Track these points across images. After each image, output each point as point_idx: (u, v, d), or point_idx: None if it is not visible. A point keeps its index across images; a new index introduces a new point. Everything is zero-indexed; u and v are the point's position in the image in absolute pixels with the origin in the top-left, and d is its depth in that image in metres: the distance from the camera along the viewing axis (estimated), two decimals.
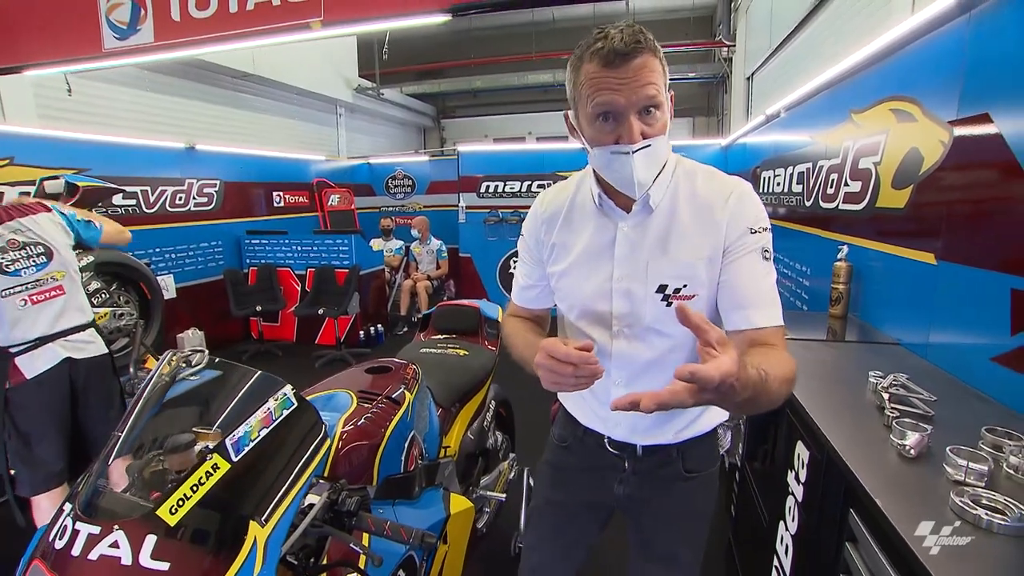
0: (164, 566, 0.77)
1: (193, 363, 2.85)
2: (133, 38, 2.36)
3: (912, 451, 1.05)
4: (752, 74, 6.91)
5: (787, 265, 3.29)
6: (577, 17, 10.15)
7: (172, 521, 0.80)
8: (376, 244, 6.29)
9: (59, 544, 0.81)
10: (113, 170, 4.27)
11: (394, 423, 1.33)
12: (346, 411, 1.31)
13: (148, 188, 4.66)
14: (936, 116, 1.66)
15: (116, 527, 0.80)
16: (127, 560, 0.78)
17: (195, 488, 0.83)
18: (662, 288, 0.96)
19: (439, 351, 2.11)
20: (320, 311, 5.13)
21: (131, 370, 2.73)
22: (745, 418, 2.06)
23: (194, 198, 5.15)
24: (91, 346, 2.07)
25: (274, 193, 6.39)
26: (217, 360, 1.01)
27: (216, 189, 5.42)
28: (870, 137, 2.10)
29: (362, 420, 1.28)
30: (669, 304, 0.96)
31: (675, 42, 8.99)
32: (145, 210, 4.65)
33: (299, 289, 5.64)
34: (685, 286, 0.95)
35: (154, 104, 5.49)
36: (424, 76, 10.99)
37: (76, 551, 0.79)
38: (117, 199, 4.33)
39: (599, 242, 1.01)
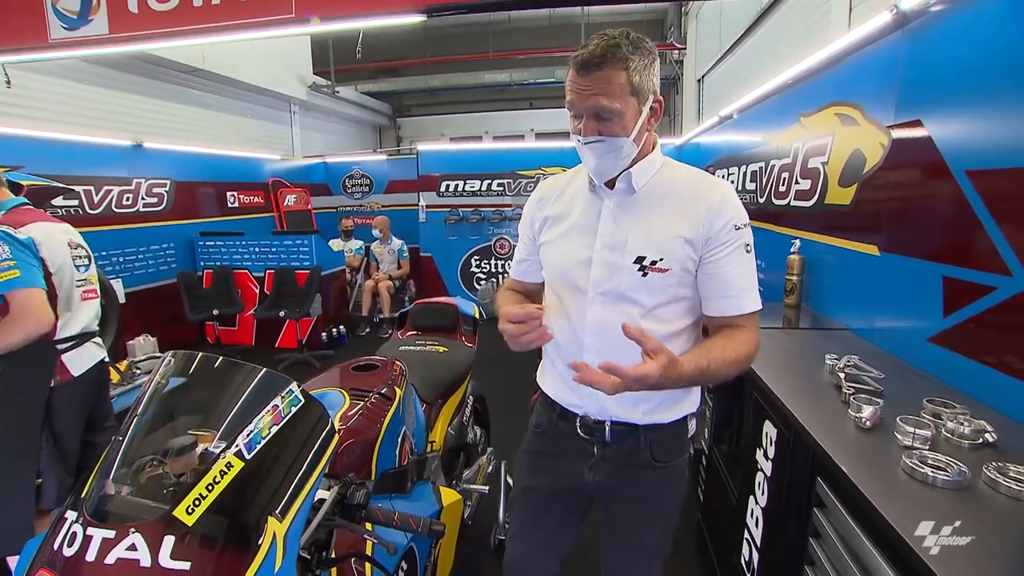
0: (185, 566, 0.79)
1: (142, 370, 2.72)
2: (84, 29, 2.25)
3: (868, 423, 1.17)
4: (703, 76, 7.20)
5: None
6: (533, 18, 10.26)
7: (190, 521, 0.81)
8: (335, 244, 6.19)
9: (68, 551, 0.81)
10: (52, 168, 4.02)
11: (388, 418, 1.35)
12: (340, 408, 1.33)
13: (92, 188, 4.43)
14: (876, 120, 1.82)
15: (132, 530, 0.81)
16: (146, 562, 0.79)
17: (210, 487, 0.84)
18: (640, 259, 1.05)
19: (419, 348, 2.13)
20: (281, 313, 5.01)
21: None
22: (712, 405, 2.18)
23: (143, 198, 4.92)
24: (103, 350, 2.09)
25: (228, 193, 6.18)
26: (221, 359, 1.01)
27: (166, 189, 5.20)
28: (818, 139, 2.27)
29: (358, 416, 1.30)
30: (645, 274, 1.05)
31: None
32: (89, 211, 4.41)
33: (257, 291, 5.48)
34: (661, 259, 1.04)
35: (98, 99, 5.19)
36: (380, 74, 10.84)
37: (91, 556, 0.79)
38: (57, 200, 4.08)
39: (587, 216, 1.12)
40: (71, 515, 0.86)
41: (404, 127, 12.28)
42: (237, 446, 0.88)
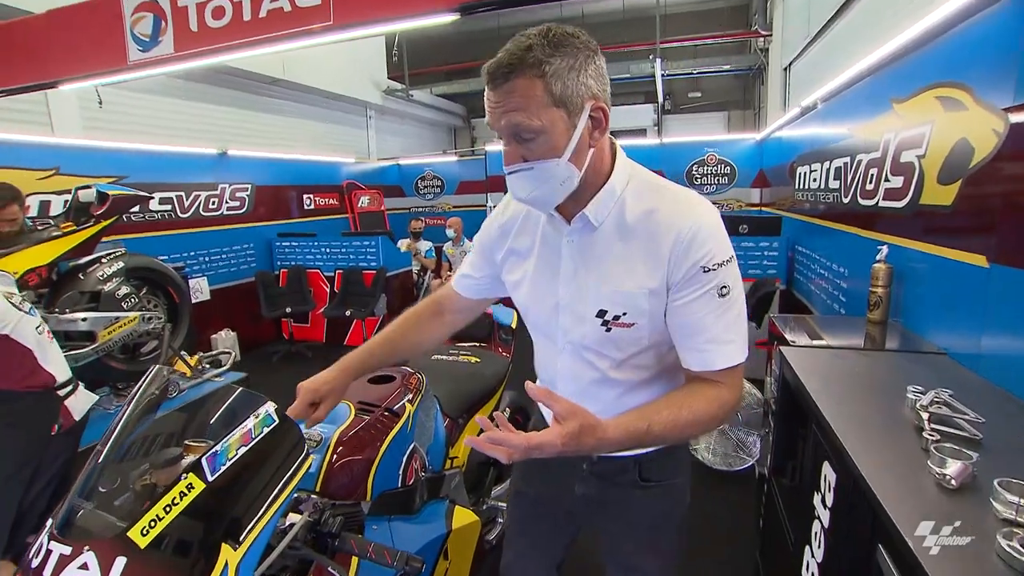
0: None
1: (223, 363, 2.85)
2: (155, 50, 2.40)
3: (953, 481, 0.93)
4: (790, 64, 6.61)
5: (824, 266, 3.11)
6: (607, 12, 9.98)
7: (143, 543, 0.77)
8: (403, 245, 6.32)
9: (34, 563, 0.80)
10: (149, 177, 4.42)
11: (391, 436, 1.28)
12: (343, 423, 1.28)
13: (183, 193, 4.81)
14: (989, 103, 1.50)
15: (87, 548, 0.78)
16: None
17: (168, 509, 0.80)
18: (602, 313, 0.93)
19: (450, 359, 2.06)
20: (347, 312, 5.19)
21: None
22: (772, 427, 1.94)
23: (227, 202, 5.29)
24: (92, 394, 2.04)
25: (305, 195, 6.51)
26: (205, 372, 0.98)
27: (248, 193, 5.55)
28: (913, 128, 1.93)
29: (357, 434, 1.24)
30: (609, 330, 0.93)
31: (709, 33, 8.71)
32: (180, 215, 4.79)
33: (328, 290, 5.72)
34: (625, 314, 0.92)
35: (188, 111, 5.65)
36: (453, 76, 11.02)
37: (47, 572, 0.78)
38: (154, 204, 4.48)
39: (548, 254, 1.00)
40: (48, 523, 0.86)
41: (478, 128, 12.42)
42: (200, 467, 0.83)
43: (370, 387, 1.50)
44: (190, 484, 0.82)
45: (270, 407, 0.92)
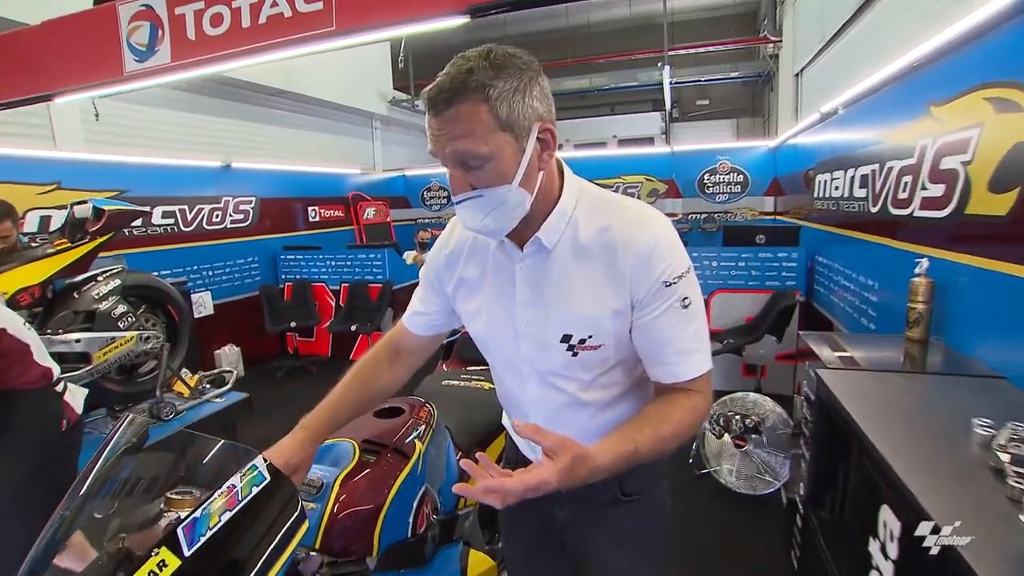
0: None
1: (226, 381, 2.72)
2: (152, 59, 2.31)
3: None
4: (801, 70, 6.50)
5: (849, 278, 2.96)
6: (613, 20, 9.92)
7: None
8: (409, 257, 6.22)
9: None
10: (152, 190, 4.35)
11: (399, 481, 1.16)
12: (346, 467, 1.15)
13: (186, 207, 4.73)
14: None
15: None
16: None
17: None
18: (566, 338, 0.91)
19: (462, 384, 1.93)
20: (353, 327, 5.08)
21: (157, 393, 2.72)
22: (809, 450, 1.80)
23: (230, 215, 5.21)
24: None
25: (310, 208, 6.43)
26: (181, 430, 0.86)
27: (252, 206, 5.47)
28: (957, 133, 1.80)
29: (362, 480, 1.12)
30: (575, 354, 0.92)
31: (717, 40, 8.62)
32: (183, 228, 4.71)
33: (333, 304, 5.62)
34: (591, 336, 0.91)
35: (191, 124, 5.58)
36: None
37: None
38: (156, 218, 4.40)
39: (501, 281, 0.97)
40: None
41: None
42: (176, 540, 0.71)
43: (376, 422, 1.38)
44: (162, 562, 0.70)
45: (260, 462, 0.80)
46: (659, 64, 7.89)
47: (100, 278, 2.49)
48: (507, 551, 1.24)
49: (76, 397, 1.84)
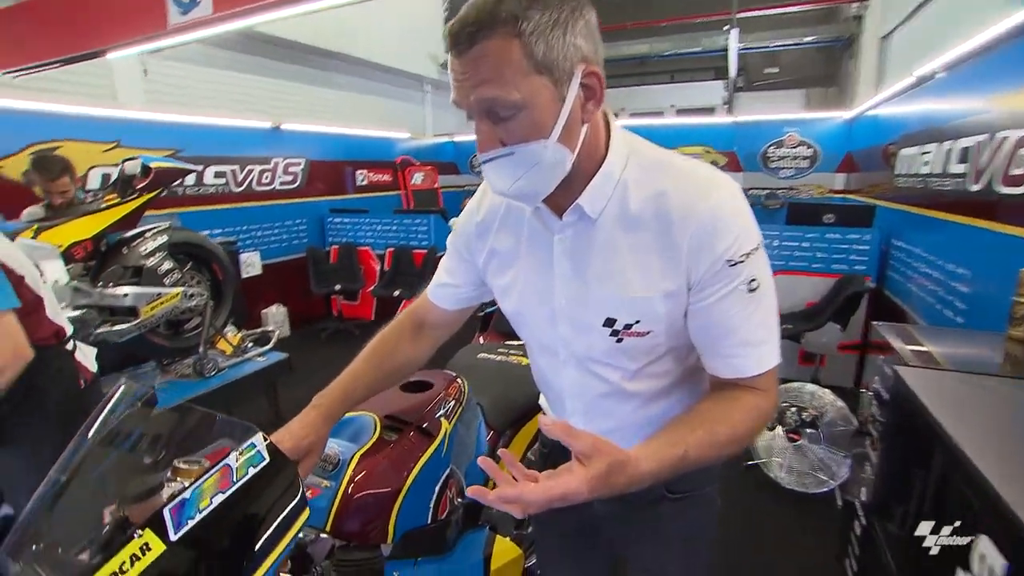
0: None
1: (269, 340, 2.72)
2: (194, 11, 2.26)
3: None
4: (890, 33, 5.87)
5: (933, 264, 2.66)
6: None
7: None
8: (456, 224, 6.16)
9: None
10: (205, 150, 4.42)
11: (421, 463, 1.07)
12: (364, 443, 1.07)
13: (237, 167, 4.80)
14: None
15: None
16: None
17: None
18: (610, 322, 0.80)
19: (498, 358, 1.84)
20: (396, 292, 5.08)
21: (200, 349, 2.78)
22: (877, 452, 1.62)
23: (279, 176, 5.26)
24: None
25: (358, 171, 6.43)
26: (181, 404, 0.79)
27: (301, 168, 5.51)
28: None
29: (380, 460, 1.04)
30: (620, 340, 0.81)
31: (794, 1, 7.93)
32: (234, 188, 4.79)
33: (378, 269, 5.64)
34: (638, 322, 0.79)
35: (243, 85, 5.60)
36: None
37: None
38: (208, 178, 4.49)
39: (537, 254, 0.85)
40: None
41: None
42: (161, 521, 0.64)
43: (401, 396, 1.30)
44: (145, 545, 0.63)
45: (259, 441, 0.72)
46: (725, 28, 7.32)
47: (148, 235, 2.53)
48: (539, 542, 1.17)
49: (87, 356, 1.78)
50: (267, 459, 0.71)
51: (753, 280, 0.74)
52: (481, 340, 2.13)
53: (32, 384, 1.50)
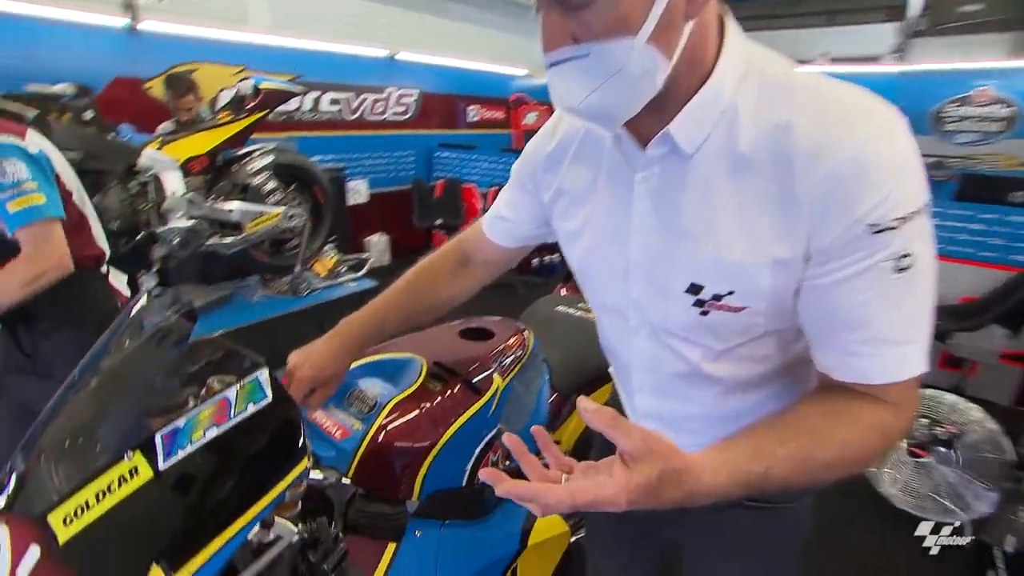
0: None
1: (364, 267, 2.77)
2: None
3: None
4: None
5: None
6: None
7: (62, 536, 0.57)
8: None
9: None
10: (322, 76, 4.55)
11: (461, 422, 0.97)
12: (405, 389, 0.99)
13: (351, 95, 4.90)
14: None
15: (3, 522, 0.60)
16: (2, 571, 0.58)
17: (100, 497, 0.58)
18: (695, 288, 0.62)
19: (578, 314, 1.68)
20: None
21: (296, 269, 2.92)
22: None
23: (392, 107, 5.32)
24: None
25: (470, 107, 6.35)
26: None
27: (413, 99, 5.53)
28: None
29: (416, 410, 0.95)
30: (705, 313, 0.63)
31: None
32: (347, 116, 4.92)
33: (480, 207, 5.61)
34: (731, 293, 0.60)
35: (358, 11, 5.59)
36: None
37: None
38: (324, 104, 4.64)
39: (615, 194, 0.69)
40: None
41: None
42: (152, 448, 0.59)
43: (456, 343, 1.20)
44: (134, 468, 0.59)
45: (263, 376, 0.64)
46: None
47: (256, 154, 2.64)
48: (589, 520, 1.07)
49: (120, 281, 1.74)
50: (269, 397, 0.64)
51: (906, 256, 0.52)
52: (563, 292, 1.97)
53: (72, 303, 1.49)
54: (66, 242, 1.40)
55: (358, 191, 4.85)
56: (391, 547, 0.85)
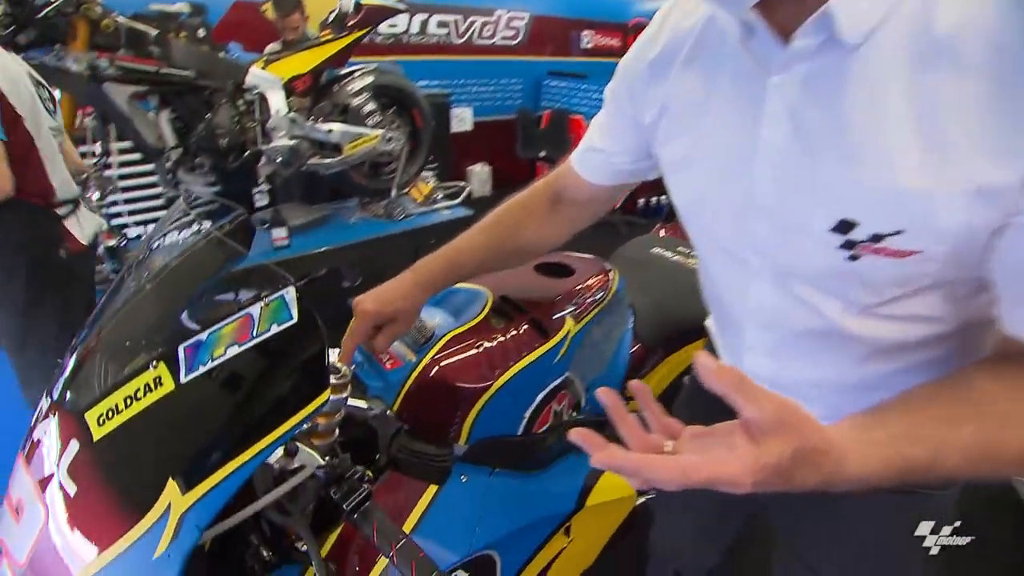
0: (71, 489, 0.55)
1: (460, 195, 2.71)
2: None
3: None
4: None
5: None
6: None
7: (96, 434, 0.56)
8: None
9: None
10: None
11: (522, 364, 0.87)
12: (465, 323, 0.90)
13: (460, 17, 4.70)
14: None
15: (55, 413, 0.61)
16: (50, 464, 0.59)
17: (129, 402, 0.56)
18: (845, 226, 0.47)
19: (674, 258, 1.49)
20: None
21: (392, 193, 2.93)
22: None
23: (501, 31, 5.05)
24: (100, 219, 1.84)
25: (583, 32, 5.87)
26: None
27: (524, 23, 5.20)
28: None
29: (474, 348, 0.86)
30: (855, 258, 0.48)
31: None
32: (455, 40, 4.75)
33: None
34: (900, 232, 0.45)
35: None
36: None
37: (37, 435, 0.63)
38: (432, 27, 4.50)
39: (737, 107, 0.53)
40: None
41: None
42: (175, 359, 0.56)
43: (531, 277, 1.09)
44: (158, 379, 0.56)
45: (290, 295, 0.58)
46: None
47: (356, 74, 2.60)
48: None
49: (84, 228, 1.67)
50: (294, 318, 0.57)
51: None
52: (662, 233, 1.77)
53: (8, 237, 1.48)
54: (6, 163, 1.37)
55: (462, 119, 4.76)
56: (432, 489, 0.79)
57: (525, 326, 0.93)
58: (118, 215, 2.82)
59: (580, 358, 1.01)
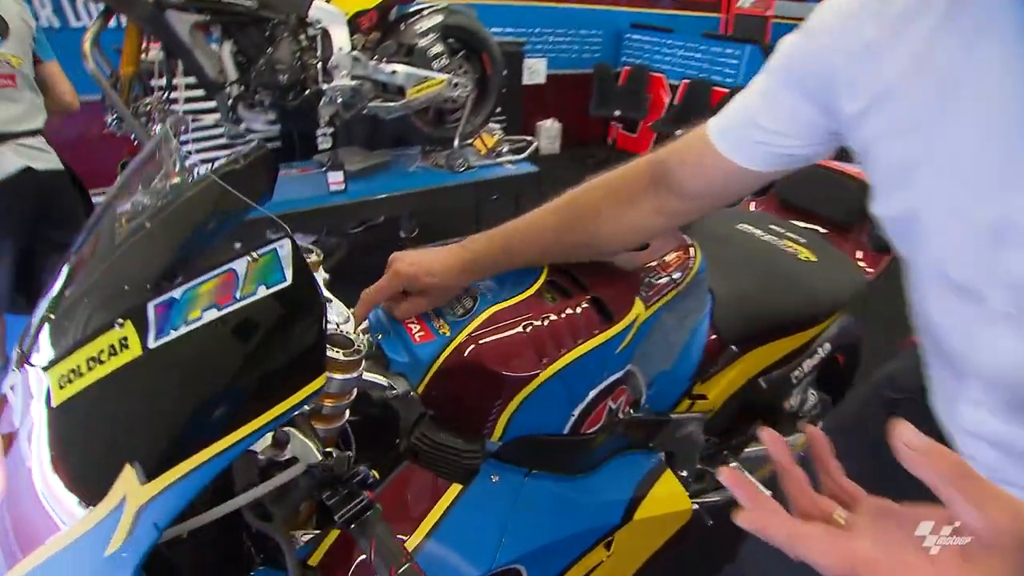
0: (28, 457, 0.47)
1: (525, 151, 2.52)
2: None
3: None
4: None
5: None
6: None
7: (57, 398, 0.47)
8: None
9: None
10: None
11: (578, 353, 0.71)
12: (511, 297, 0.75)
13: None
14: None
15: (21, 368, 0.52)
16: (10, 424, 0.51)
17: (91, 364, 0.46)
18: None
19: (766, 238, 1.28)
20: (678, 132, 4.39)
21: (455, 143, 2.77)
22: None
23: None
24: (48, 156, 1.74)
25: None
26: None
27: None
28: None
29: (518, 330, 0.71)
30: None
31: None
32: None
33: (667, 101, 4.93)
34: None
35: None
36: None
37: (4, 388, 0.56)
38: None
39: (1005, 98, 0.40)
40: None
41: None
42: (144, 318, 0.45)
43: None
44: (124, 339, 0.45)
45: (284, 249, 0.45)
46: None
47: (425, 13, 2.41)
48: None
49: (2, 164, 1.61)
50: (288, 280, 0.45)
51: None
52: (752, 206, 1.53)
53: None
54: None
55: (535, 70, 4.48)
56: (455, 489, 0.67)
57: (584, 306, 0.77)
58: (188, 154, 2.84)
59: (646, 348, 0.85)
